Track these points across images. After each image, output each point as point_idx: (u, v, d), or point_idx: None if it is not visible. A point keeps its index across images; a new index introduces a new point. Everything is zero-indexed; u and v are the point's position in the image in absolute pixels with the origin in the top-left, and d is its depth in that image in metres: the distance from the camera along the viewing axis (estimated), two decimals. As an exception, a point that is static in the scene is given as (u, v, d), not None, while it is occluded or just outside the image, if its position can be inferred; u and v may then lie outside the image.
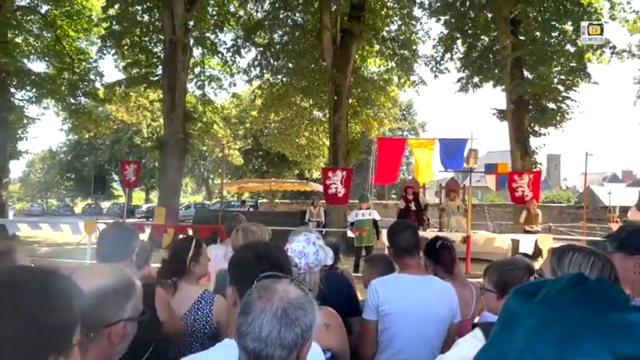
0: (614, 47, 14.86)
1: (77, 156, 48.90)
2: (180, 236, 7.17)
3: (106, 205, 48.70)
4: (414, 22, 17.47)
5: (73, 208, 52.86)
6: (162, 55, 16.38)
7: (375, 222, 11.13)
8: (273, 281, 1.25)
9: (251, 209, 25.38)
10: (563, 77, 15.37)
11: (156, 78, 16.90)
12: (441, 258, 2.95)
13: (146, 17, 17.01)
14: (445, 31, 17.26)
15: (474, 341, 1.79)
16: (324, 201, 14.36)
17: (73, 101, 19.56)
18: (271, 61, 17.57)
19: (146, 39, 16.99)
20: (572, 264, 1.49)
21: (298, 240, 2.14)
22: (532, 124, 15.90)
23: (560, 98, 15.64)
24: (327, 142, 18.20)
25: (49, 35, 19.55)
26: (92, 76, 19.92)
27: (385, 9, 17.15)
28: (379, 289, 2.47)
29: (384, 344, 2.45)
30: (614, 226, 10.20)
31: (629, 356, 0.64)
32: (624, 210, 19.73)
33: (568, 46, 14.94)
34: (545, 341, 0.67)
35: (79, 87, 19.22)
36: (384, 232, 9.89)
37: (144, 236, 11.47)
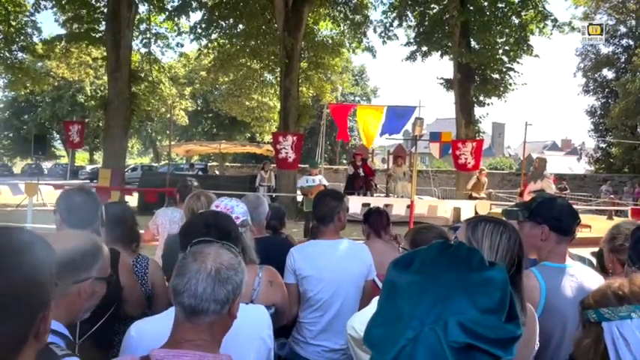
0: (556, 20, 15.39)
1: (15, 113, 46.07)
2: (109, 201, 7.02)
3: (47, 165, 46.55)
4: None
5: (12, 168, 50.25)
6: (105, 11, 15.58)
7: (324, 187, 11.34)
8: (205, 246, 1.40)
9: (200, 173, 24.98)
10: (507, 48, 15.85)
11: (99, 35, 16.12)
12: (372, 221, 3.49)
13: (88, -31, 16.03)
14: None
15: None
16: (274, 165, 14.39)
17: (8, 56, 18.38)
18: (219, 21, 17.03)
19: (88, -8, 16.05)
20: (484, 233, 1.67)
21: (223, 201, 2.45)
22: (477, 94, 16.40)
23: (504, 69, 16.17)
24: (278, 105, 18.07)
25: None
26: (29, 30, 18.70)
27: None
28: (295, 255, 2.73)
29: (307, 303, 2.73)
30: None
31: (489, 308, 0.77)
32: (560, 177, 20.95)
33: (513, 18, 15.35)
34: (425, 306, 0.78)
35: (16, 41, 18.04)
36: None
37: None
